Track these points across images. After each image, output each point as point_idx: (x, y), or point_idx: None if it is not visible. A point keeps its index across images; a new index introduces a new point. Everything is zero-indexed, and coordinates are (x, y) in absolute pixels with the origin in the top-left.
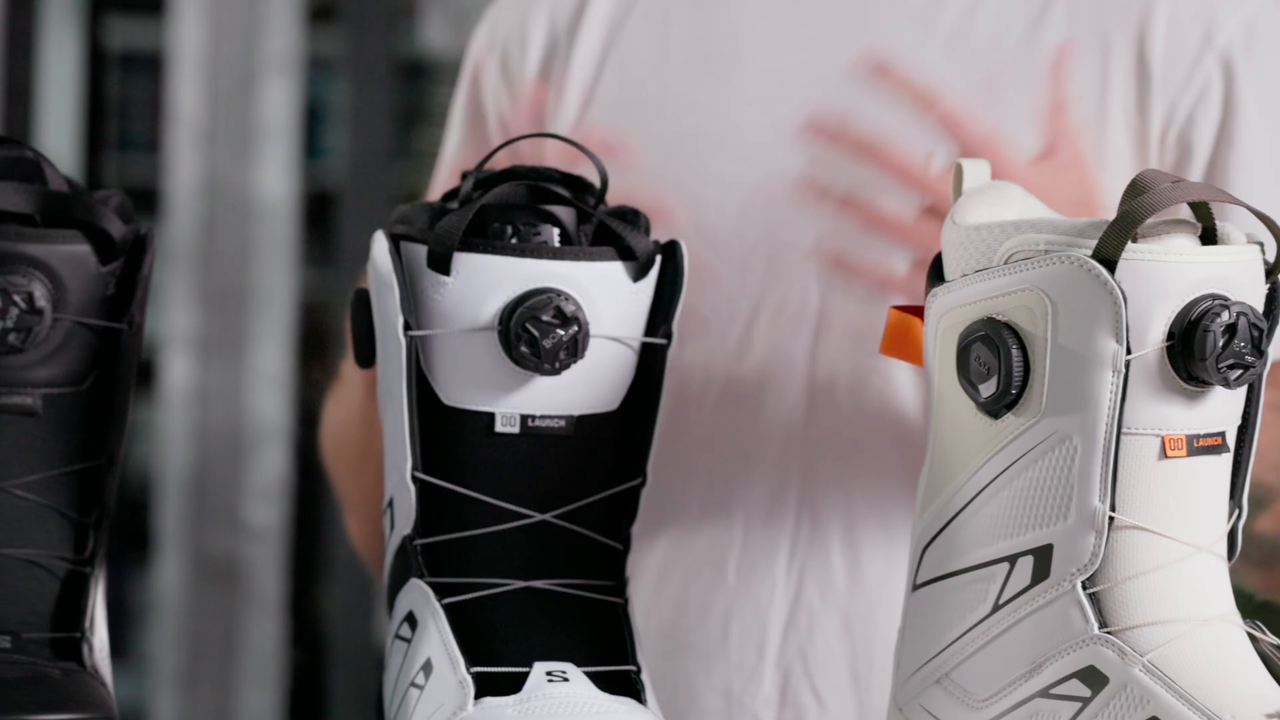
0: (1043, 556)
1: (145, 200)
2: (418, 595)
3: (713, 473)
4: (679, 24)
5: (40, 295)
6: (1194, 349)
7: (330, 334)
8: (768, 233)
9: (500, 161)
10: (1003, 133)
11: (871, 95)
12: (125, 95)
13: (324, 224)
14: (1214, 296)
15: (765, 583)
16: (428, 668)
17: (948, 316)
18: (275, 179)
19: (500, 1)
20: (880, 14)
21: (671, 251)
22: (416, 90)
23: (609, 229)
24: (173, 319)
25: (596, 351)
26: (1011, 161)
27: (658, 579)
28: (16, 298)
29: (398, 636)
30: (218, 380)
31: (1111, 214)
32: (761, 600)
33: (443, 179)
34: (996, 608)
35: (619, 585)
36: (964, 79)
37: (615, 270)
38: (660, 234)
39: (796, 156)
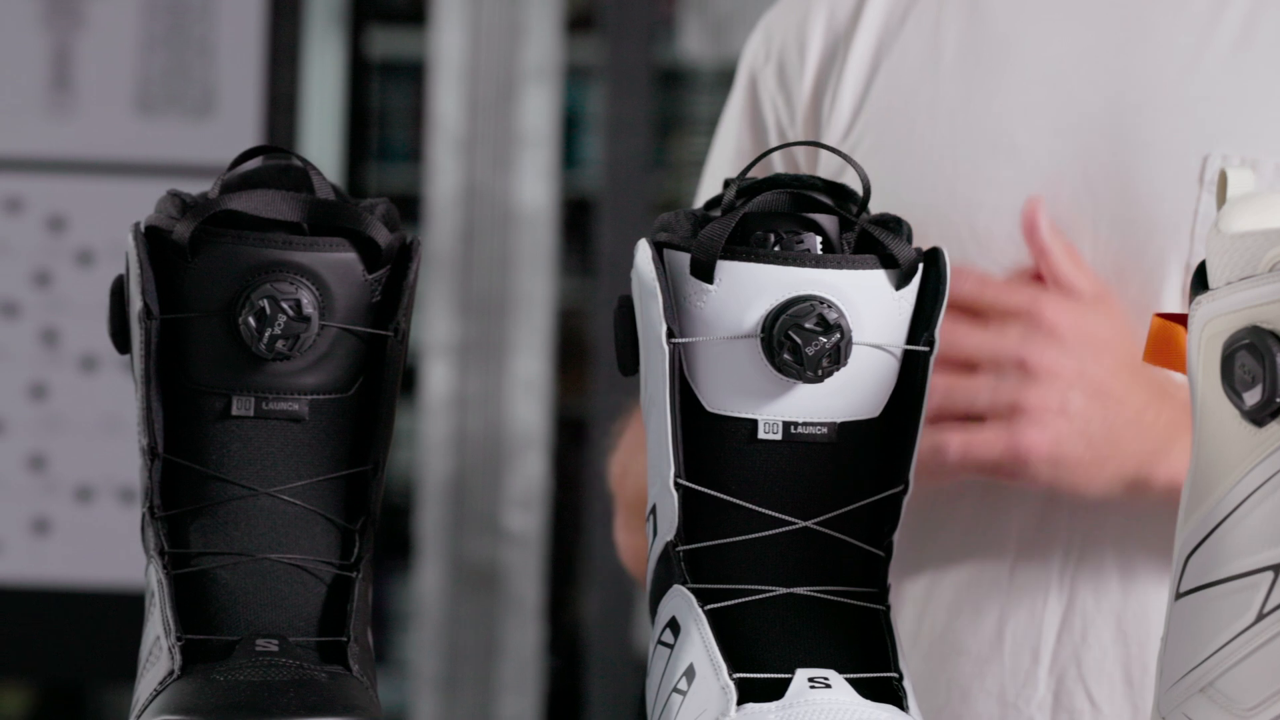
0: None
1: (405, 209)
2: (680, 601)
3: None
4: (951, 28)
5: (308, 303)
6: None
7: (588, 341)
8: None
9: (768, 170)
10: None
11: (1143, 101)
12: (386, 105)
13: (582, 232)
14: None
15: (1040, 587)
16: (690, 673)
17: (1212, 324)
18: (534, 187)
19: (775, 9)
20: (1160, 18)
21: (934, 259)
22: (674, 98)
23: (871, 236)
24: (433, 326)
25: (859, 359)
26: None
27: (930, 582)
28: (285, 305)
29: (660, 642)
30: (477, 388)
31: None
32: (1036, 605)
33: (713, 186)
34: (1260, 617)
35: (881, 592)
36: (1244, 85)
37: (878, 278)
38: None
39: (1071, 160)
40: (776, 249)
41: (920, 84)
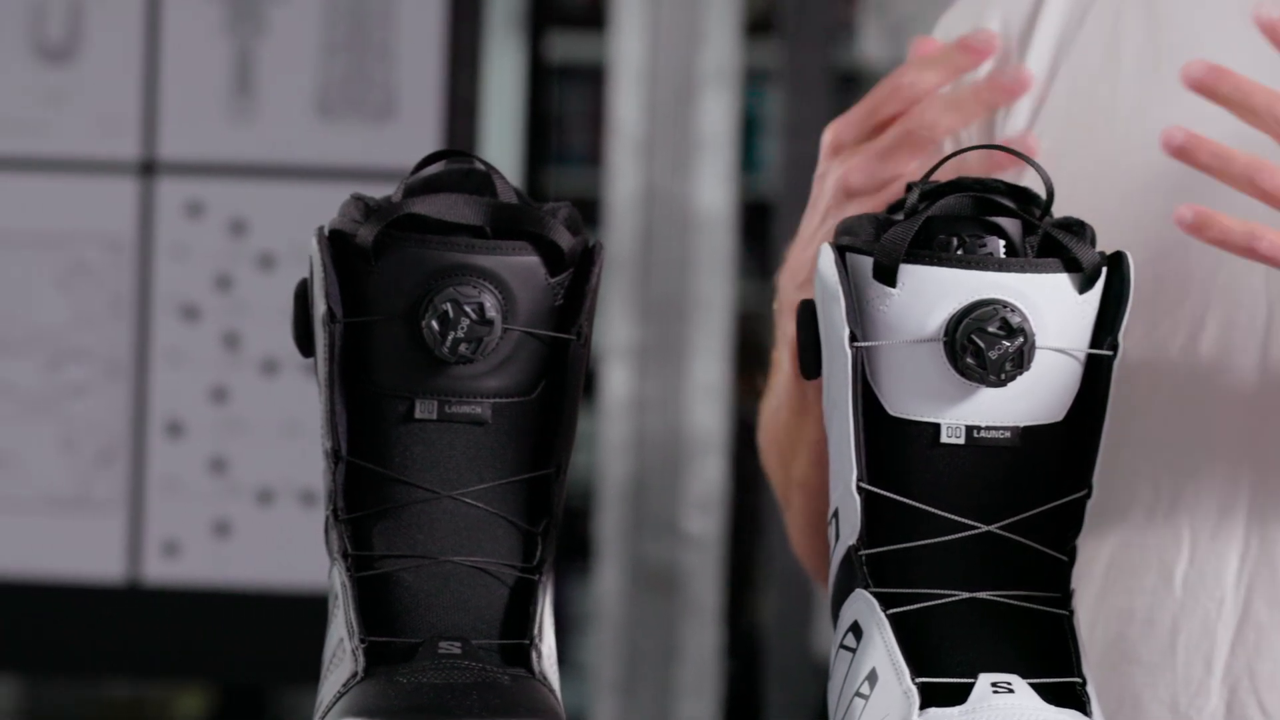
0: None
1: (585, 212)
2: (863, 605)
3: (1158, 483)
4: (1131, 31)
5: (490, 306)
6: None
7: (767, 345)
8: None
9: (944, 173)
10: None
11: None
12: (565, 108)
13: (760, 235)
14: None
15: (1213, 596)
16: (872, 678)
17: None
18: (713, 190)
19: (950, 11)
20: None
21: (1118, 263)
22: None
23: (1055, 240)
24: (612, 330)
25: (1042, 363)
26: None
27: (1101, 589)
28: (467, 308)
29: (842, 646)
30: (656, 391)
31: None
32: (1209, 614)
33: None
34: None
35: (1064, 597)
36: None
37: (1061, 282)
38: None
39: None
40: (959, 252)
41: (1098, 87)
